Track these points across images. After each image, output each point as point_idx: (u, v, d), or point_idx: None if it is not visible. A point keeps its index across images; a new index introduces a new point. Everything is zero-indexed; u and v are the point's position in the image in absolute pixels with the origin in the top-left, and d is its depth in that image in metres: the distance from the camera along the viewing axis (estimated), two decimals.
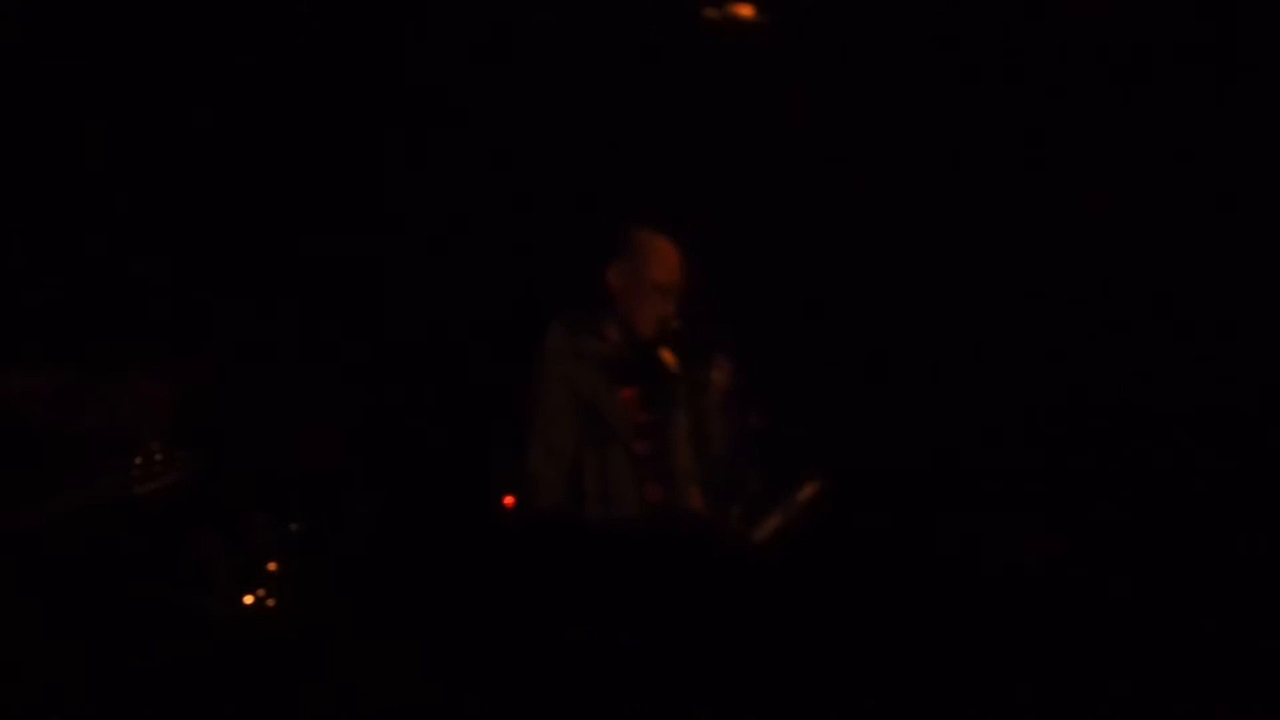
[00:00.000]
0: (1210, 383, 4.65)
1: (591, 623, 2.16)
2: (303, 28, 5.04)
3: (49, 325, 4.98)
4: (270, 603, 4.44)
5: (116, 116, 4.95)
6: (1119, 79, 4.83)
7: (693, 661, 2.02)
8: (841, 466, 4.37)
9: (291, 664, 4.40)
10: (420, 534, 4.99)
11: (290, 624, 4.47)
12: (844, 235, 5.10)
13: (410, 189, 5.25)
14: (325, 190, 5.27)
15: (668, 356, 3.78)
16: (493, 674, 4.50)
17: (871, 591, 4.37)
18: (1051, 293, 4.92)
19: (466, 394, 5.10)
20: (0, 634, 3.86)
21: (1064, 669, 1.98)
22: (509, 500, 4.84)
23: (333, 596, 4.62)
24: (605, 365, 3.79)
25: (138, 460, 4.08)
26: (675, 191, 4.72)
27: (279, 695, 4.33)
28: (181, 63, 5.04)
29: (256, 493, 4.68)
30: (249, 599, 4.42)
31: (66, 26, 4.86)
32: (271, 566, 4.43)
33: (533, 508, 3.61)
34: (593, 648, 2.12)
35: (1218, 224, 4.76)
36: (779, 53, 4.97)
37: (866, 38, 4.97)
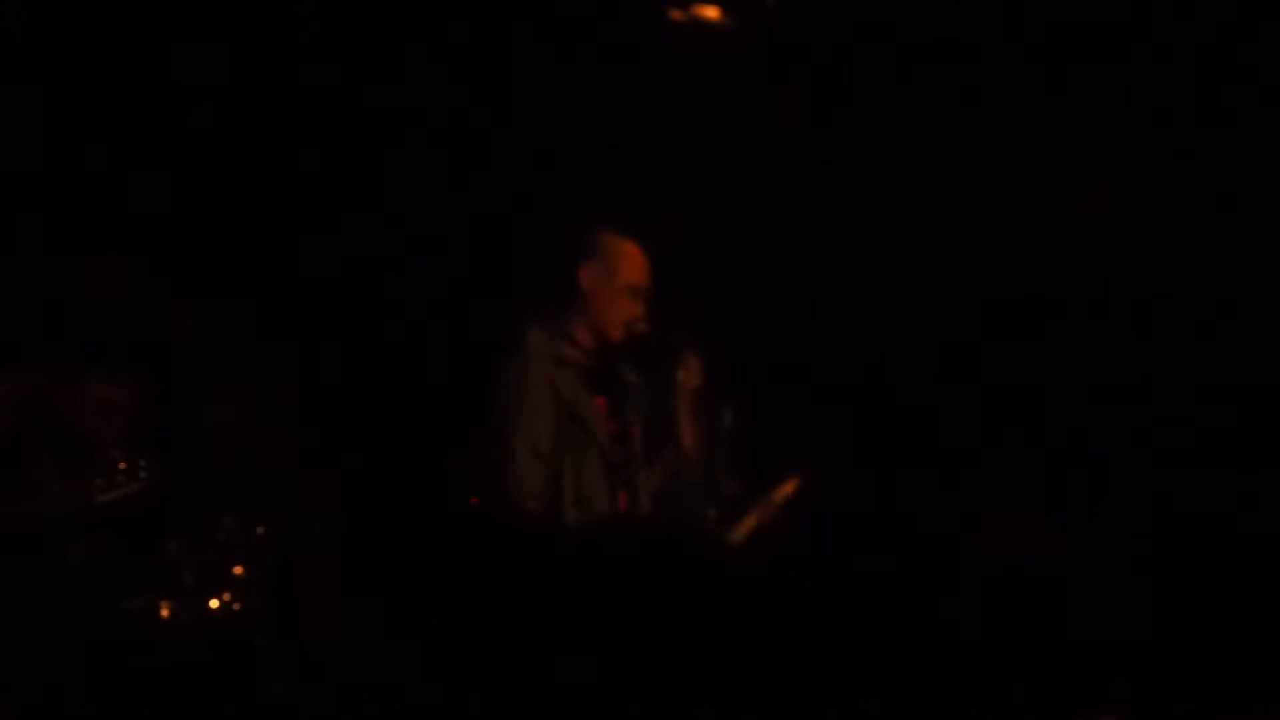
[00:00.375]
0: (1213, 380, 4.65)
1: (564, 628, 2.15)
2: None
3: (9, 331, 4.94)
4: (236, 606, 4.41)
5: (79, 118, 4.92)
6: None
7: (671, 664, 2.02)
8: (818, 463, 4.39)
9: (258, 667, 4.38)
10: (385, 536, 4.98)
11: (256, 627, 4.44)
12: (813, 233, 5.12)
13: (373, 190, 5.24)
14: (285, 195, 5.25)
15: (636, 364, 3.81)
16: (462, 674, 4.49)
17: (854, 589, 4.40)
18: (1019, 285, 4.95)
19: (428, 396, 5.09)
20: None
21: (1054, 664, 1.98)
22: (475, 502, 4.82)
23: (300, 600, 4.60)
24: (582, 370, 3.79)
25: (100, 469, 4.05)
26: (641, 193, 4.72)
27: (246, 699, 4.31)
28: (140, 68, 5.01)
29: (222, 496, 4.65)
30: (214, 603, 4.39)
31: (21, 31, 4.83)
32: (238, 570, 4.41)
33: (517, 510, 3.60)
34: (566, 651, 2.11)
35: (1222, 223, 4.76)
36: (744, 54, 4.99)
37: (833, 38, 5.00)
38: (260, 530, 4.54)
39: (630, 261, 3.82)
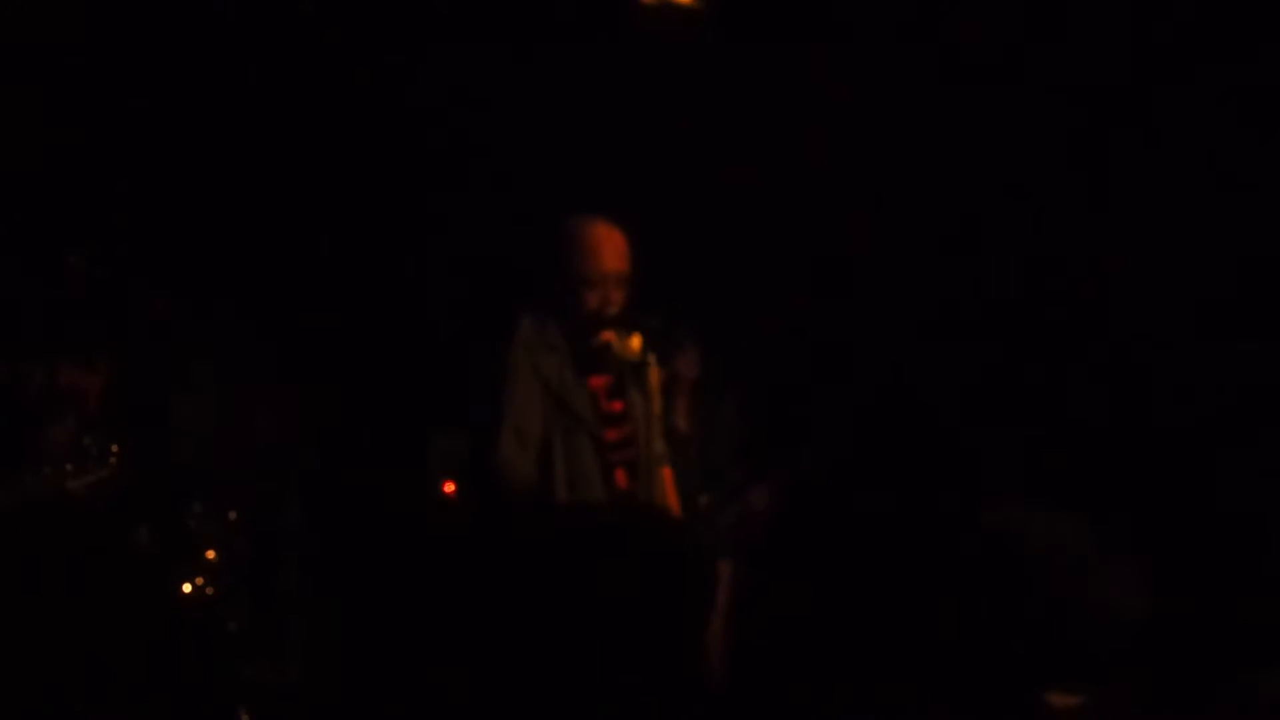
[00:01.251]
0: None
1: (547, 615, 2.14)
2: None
3: None
4: (209, 591, 4.42)
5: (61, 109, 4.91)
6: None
7: (660, 656, 2.01)
8: (818, 455, 4.43)
9: (231, 651, 4.38)
10: (361, 523, 4.98)
11: (229, 611, 4.45)
12: (803, 221, 5.09)
13: (348, 180, 5.24)
14: (258, 183, 5.25)
15: (631, 344, 3.76)
16: (444, 661, 4.49)
17: (854, 582, 4.38)
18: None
19: (405, 382, 5.09)
20: None
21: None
22: (449, 487, 4.84)
23: (274, 586, 4.60)
24: (570, 355, 3.75)
25: (70, 455, 4.03)
26: (622, 178, 4.69)
27: (220, 682, 4.31)
28: (115, 60, 5.00)
29: (193, 483, 4.65)
30: (187, 587, 4.39)
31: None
32: (210, 555, 4.41)
33: (505, 495, 3.60)
34: (550, 641, 2.10)
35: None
36: (716, 37, 4.97)
37: (804, 25, 4.98)
38: (232, 515, 4.54)
39: (596, 249, 3.77)
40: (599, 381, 3.82)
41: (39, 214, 4.99)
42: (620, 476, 3.74)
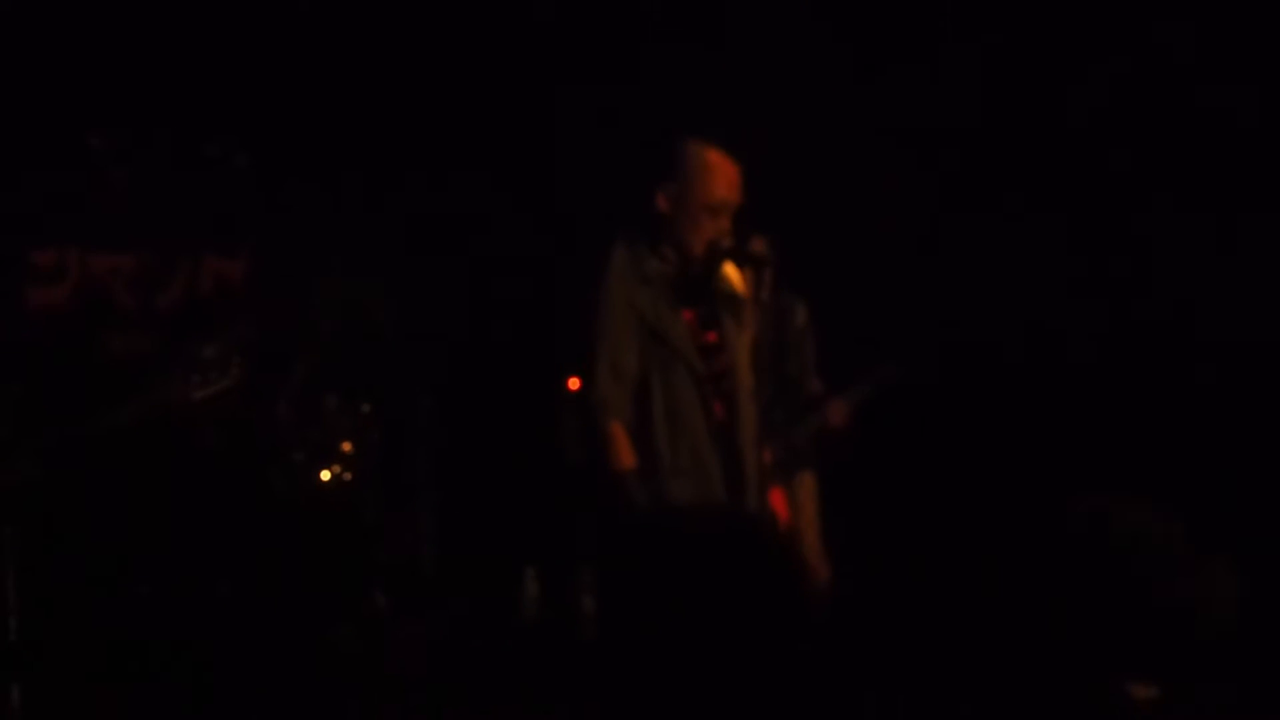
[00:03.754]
0: None
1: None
2: None
3: (130, 206, 5.11)
4: (347, 477, 4.62)
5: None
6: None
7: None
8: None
9: (368, 538, 4.61)
10: (488, 417, 5.15)
11: (365, 499, 4.65)
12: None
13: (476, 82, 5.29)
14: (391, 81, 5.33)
15: (733, 276, 3.74)
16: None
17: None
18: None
19: (532, 279, 5.18)
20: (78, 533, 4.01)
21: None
22: (574, 382, 4.95)
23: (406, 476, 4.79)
24: (667, 287, 3.73)
25: (194, 366, 4.15)
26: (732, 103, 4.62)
27: (356, 568, 4.54)
28: None
29: (327, 373, 4.83)
30: (326, 475, 4.60)
31: None
32: (346, 447, 4.61)
33: (602, 435, 3.64)
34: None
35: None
36: None
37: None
38: (365, 408, 4.73)
39: (710, 177, 3.71)
40: (696, 312, 3.78)
41: (180, 106, 5.14)
42: (718, 409, 3.73)
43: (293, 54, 5.20)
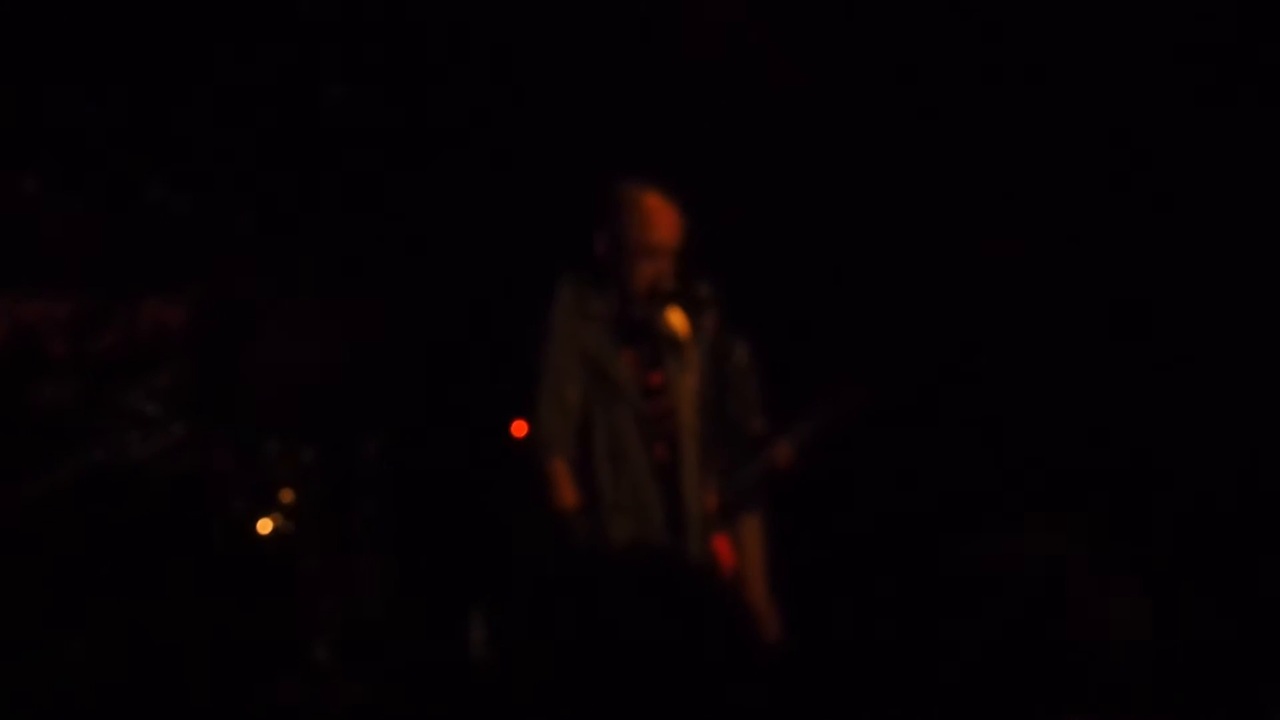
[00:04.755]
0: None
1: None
2: None
3: (66, 251, 5.04)
4: (288, 527, 4.56)
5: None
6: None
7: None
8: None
9: (309, 588, 4.54)
10: (434, 461, 5.10)
11: (306, 549, 4.59)
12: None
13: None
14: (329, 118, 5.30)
15: (675, 318, 3.72)
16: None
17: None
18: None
19: (469, 343, 5.14)
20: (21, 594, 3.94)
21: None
22: (519, 427, 4.92)
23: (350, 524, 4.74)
24: (610, 326, 3.73)
25: (134, 423, 4.09)
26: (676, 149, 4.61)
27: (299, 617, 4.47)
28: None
29: (268, 422, 4.77)
30: (266, 524, 4.54)
31: None
32: (287, 496, 4.54)
33: (546, 469, 3.60)
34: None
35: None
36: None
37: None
38: (308, 454, 4.67)
39: (646, 221, 3.72)
40: (638, 353, 3.78)
41: (119, 147, 5.09)
42: (661, 450, 3.72)
43: (232, 96, 5.16)
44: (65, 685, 4.01)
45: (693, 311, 3.74)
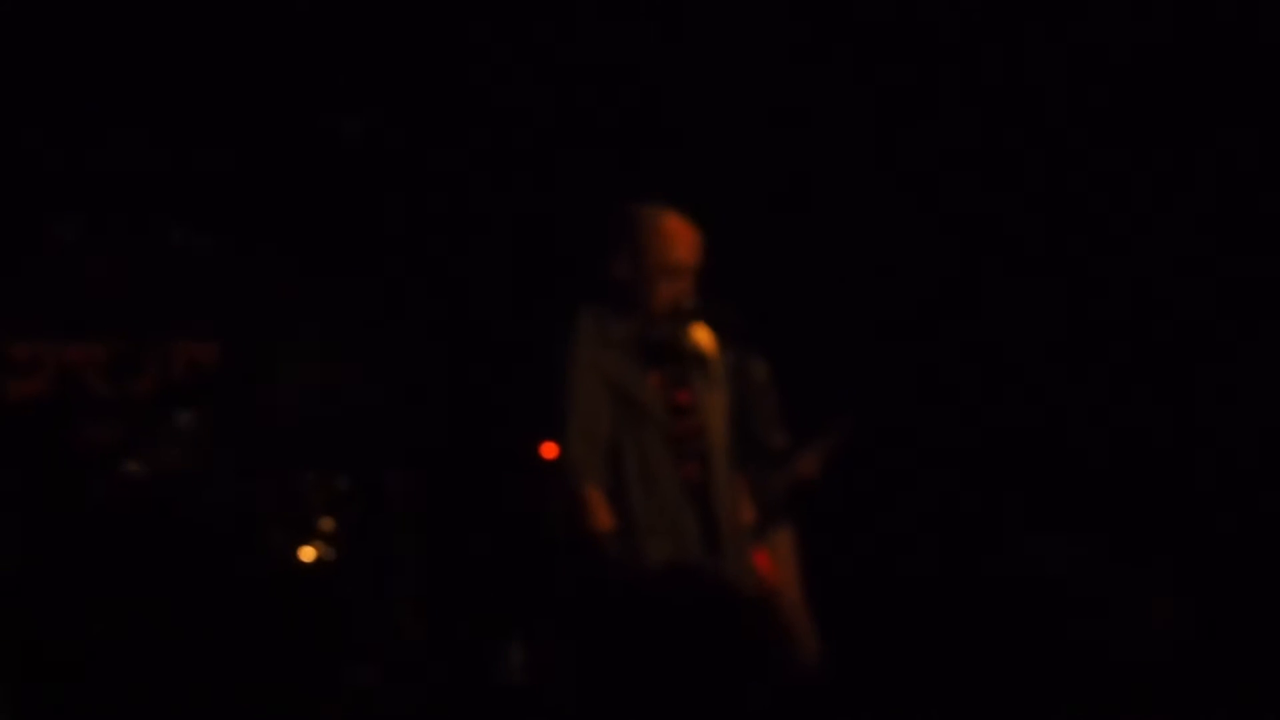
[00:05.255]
0: None
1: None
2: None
3: (100, 295, 5.14)
4: (327, 554, 4.64)
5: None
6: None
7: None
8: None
9: (349, 614, 4.62)
10: (466, 488, 5.17)
11: (345, 575, 4.68)
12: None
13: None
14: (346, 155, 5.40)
15: (701, 336, 3.77)
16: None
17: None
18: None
19: (499, 375, 5.21)
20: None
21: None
22: (549, 449, 4.98)
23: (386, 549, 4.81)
24: (633, 349, 3.70)
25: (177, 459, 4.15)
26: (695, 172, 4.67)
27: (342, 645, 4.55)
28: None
29: (304, 453, 4.86)
30: (309, 554, 4.62)
31: None
32: (325, 524, 4.63)
33: (577, 497, 3.66)
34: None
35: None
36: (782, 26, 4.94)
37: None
38: (343, 483, 4.76)
39: (665, 241, 3.72)
40: (664, 373, 3.78)
41: (143, 192, 5.19)
42: (691, 469, 3.73)
43: (251, 136, 5.26)
44: (113, 711, 4.10)
45: (716, 328, 3.78)
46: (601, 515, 3.65)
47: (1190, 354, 4.71)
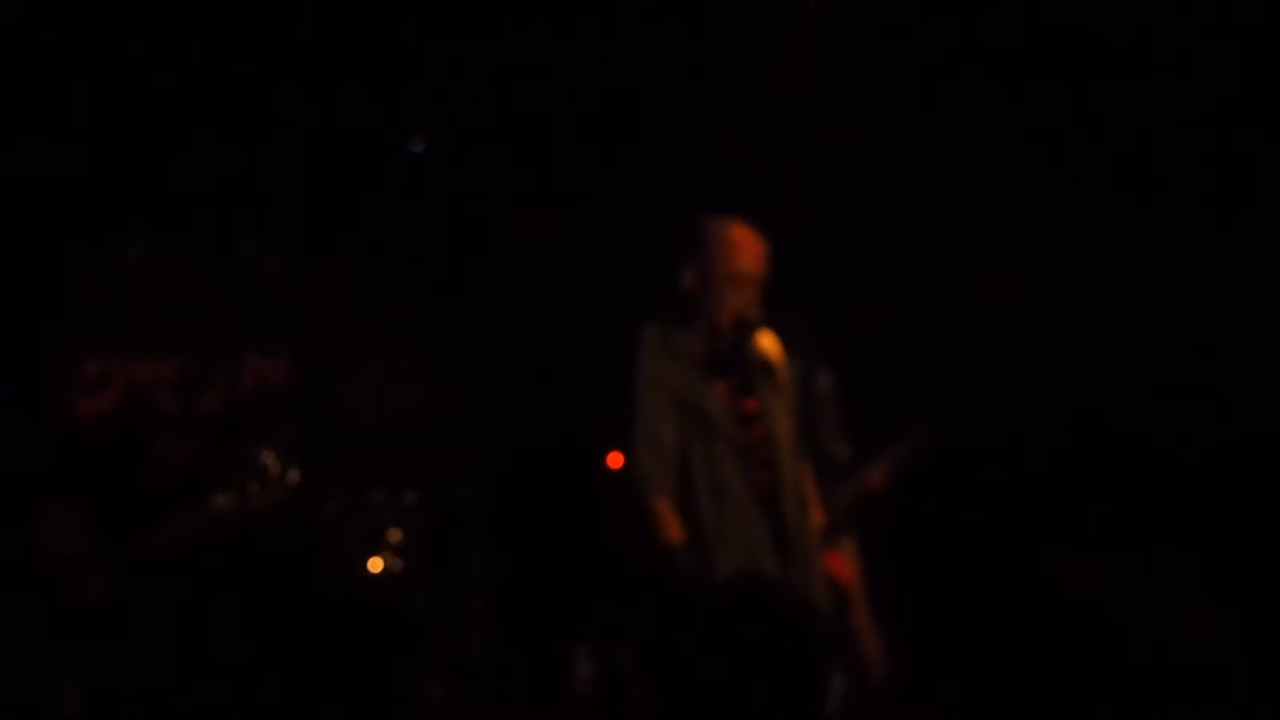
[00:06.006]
0: None
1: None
2: None
3: (168, 311, 5.19)
4: (397, 566, 4.68)
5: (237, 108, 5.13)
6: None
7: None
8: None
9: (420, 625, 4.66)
10: (531, 498, 5.20)
11: (416, 586, 4.71)
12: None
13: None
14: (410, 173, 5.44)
15: (766, 344, 3.78)
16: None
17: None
18: None
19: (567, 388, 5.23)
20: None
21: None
22: (615, 458, 4.99)
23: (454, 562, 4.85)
24: (699, 360, 3.76)
25: (253, 475, 4.19)
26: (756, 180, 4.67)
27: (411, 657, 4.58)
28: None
29: (371, 468, 4.89)
30: (376, 564, 4.66)
31: None
32: (394, 536, 4.67)
33: (648, 509, 3.67)
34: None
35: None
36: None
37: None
38: (411, 497, 4.80)
39: (732, 251, 3.77)
40: (731, 383, 3.82)
41: (212, 207, 5.24)
42: (761, 477, 3.77)
43: (324, 151, 5.31)
44: None
45: (783, 337, 3.79)
46: (672, 527, 3.67)
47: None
